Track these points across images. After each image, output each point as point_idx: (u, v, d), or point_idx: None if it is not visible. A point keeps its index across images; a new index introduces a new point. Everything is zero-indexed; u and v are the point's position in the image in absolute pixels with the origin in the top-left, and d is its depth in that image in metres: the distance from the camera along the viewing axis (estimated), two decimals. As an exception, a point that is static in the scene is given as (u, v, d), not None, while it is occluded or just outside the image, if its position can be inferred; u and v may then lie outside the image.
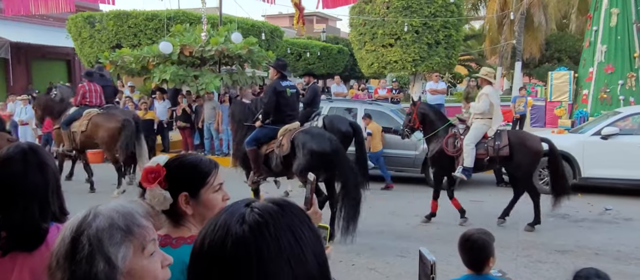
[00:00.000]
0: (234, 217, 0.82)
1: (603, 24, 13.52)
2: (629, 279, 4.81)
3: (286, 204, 0.85)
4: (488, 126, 6.81)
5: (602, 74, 13.46)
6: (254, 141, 6.55)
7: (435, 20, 16.88)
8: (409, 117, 7.35)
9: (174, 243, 1.47)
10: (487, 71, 7.28)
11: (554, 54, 27.61)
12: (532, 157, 6.75)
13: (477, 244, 2.47)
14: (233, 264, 0.78)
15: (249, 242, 0.78)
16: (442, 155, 6.91)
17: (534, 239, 6.12)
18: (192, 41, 11.69)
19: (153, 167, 1.50)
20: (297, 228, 0.81)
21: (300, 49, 26.70)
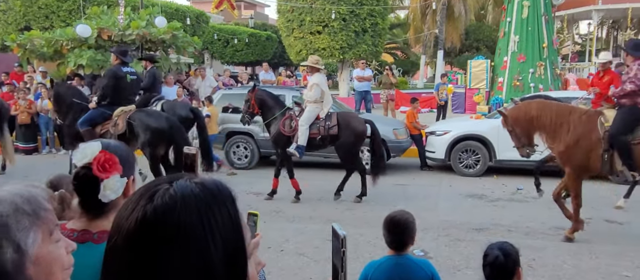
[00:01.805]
0: (146, 195, 0.78)
1: (516, 15, 14.41)
2: (537, 251, 5.20)
3: (213, 185, 0.81)
4: (320, 108, 7.43)
5: (515, 62, 14.37)
6: (88, 122, 6.96)
7: (361, 8, 17.15)
8: (247, 103, 7.68)
9: (95, 238, 1.39)
10: (316, 59, 7.63)
11: (472, 44, 29.05)
12: (356, 137, 7.40)
13: (399, 224, 2.55)
14: (136, 244, 0.75)
15: (152, 223, 0.75)
16: (280, 136, 7.42)
17: (453, 219, 6.43)
18: (110, 24, 11.09)
19: (105, 156, 1.41)
20: (210, 214, 0.77)
21: (227, 35, 26.16)
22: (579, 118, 5.66)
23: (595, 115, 5.69)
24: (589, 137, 5.57)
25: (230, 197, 0.81)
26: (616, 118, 5.52)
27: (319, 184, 8.15)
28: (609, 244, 5.47)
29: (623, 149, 5.43)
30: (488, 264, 2.30)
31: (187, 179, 0.80)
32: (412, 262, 2.53)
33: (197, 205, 0.76)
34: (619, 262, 4.97)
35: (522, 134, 5.89)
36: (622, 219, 6.43)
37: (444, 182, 8.69)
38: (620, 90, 5.59)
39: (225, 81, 14.69)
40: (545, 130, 5.76)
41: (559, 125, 5.66)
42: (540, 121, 5.72)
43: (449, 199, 7.56)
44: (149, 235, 0.74)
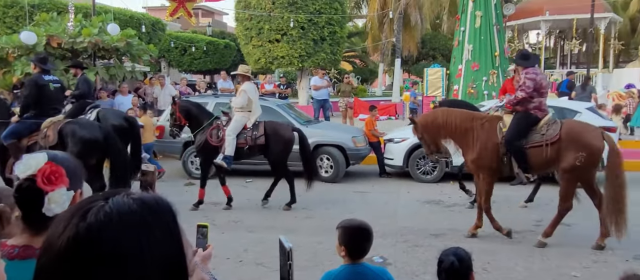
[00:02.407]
0: (79, 212, 0.75)
1: (469, 25, 14.85)
2: (491, 255, 5.34)
3: (152, 201, 0.79)
4: (247, 118, 7.45)
5: (469, 71, 14.78)
6: (12, 135, 6.68)
7: (320, 17, 17.26)
8: (173, 116, 7.66)
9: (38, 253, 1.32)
10: (246, 68, 7.75)
11: (429, 52, 29.73)
12: (284, 145, 7.49)
13: (355, 232, 2.56)
14: (68, 263, 0.72)
15: (84, 242, 0.72)
16: (207, 145, 7.39)
17: (411, 225, 6.53)
18: (60, 31, 10.69)
19: (50, 168, 1.33)
20: (148, 231, 0.75)
21: (185, 43, 25.75)
22: (481, 125, 5.95)
23: (495, 121, 6.00)
24: (489, 142, 5.87)
25: (170, 212, 0.79)
26: (511, 124, 5.84)
27: (278, 193, 8.09)
28: (558, 246, 5.68)
29: (518, 153, 5.75)
30: (444, 270, 2.34)
31: (124, 195, 0.77)
32: (369, 271, 2.54)
33: (135, 222, 0.74)
34: (567, 263, 5.17)
35: (431, 141, 6.17)
36: (570, 221, 6.67)
37: (402, 188, 8.81)
38: (513, 98, 5.94)
39: (183, 90, 14.45)
40: (452, 136, 6.05)
41: (463, 131, 5.94)
42: (446, 128, 6.00)
43: (407, 206, 7.67)
44: (81, 254, 0.71)
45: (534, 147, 5.72)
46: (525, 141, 5.74)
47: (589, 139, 5.54)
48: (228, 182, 7.69)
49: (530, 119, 5.80)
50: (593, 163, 5.53)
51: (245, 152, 7.47)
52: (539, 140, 5.70)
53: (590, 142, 5.52)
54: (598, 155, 5.51)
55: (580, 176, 5.60)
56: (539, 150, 5.69)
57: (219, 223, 6.62)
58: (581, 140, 5.54)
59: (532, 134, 5.75)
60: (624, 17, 26.86)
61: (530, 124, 5.80)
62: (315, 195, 8.24)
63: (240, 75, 7.72)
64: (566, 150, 5.55)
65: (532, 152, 5.73)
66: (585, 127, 5.89)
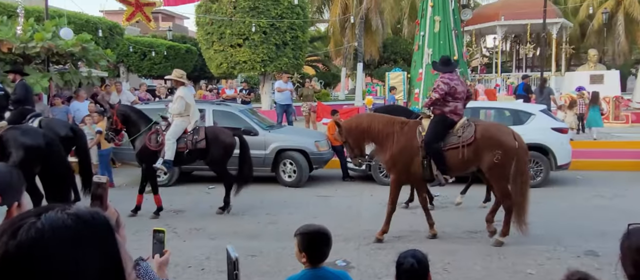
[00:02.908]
0: (10, 230, 0.73)
1: (428, 30, 15.15)
2: (451, 255, 5.46)
3: (88, 216, 0.77)
4: (188, 122, 7.48)
5: (429, 74, 15.05)
6: None
7: (282, 21, 17.24)
8: (110, 120, 7.61)
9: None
10: (180, 73, 7.75)
11: (390, 56, 30.15)
12: (225, 150, 7.54)
13: (314, 238, 2.57)
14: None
15: (14, 261, 0.70)
16: (146, 151, 7.36)
17: (374, 228, 6.56)
18: (11, 36, 10.28)
19: None
20: (84, 247, 0.73)
21: (144, 47, 25.21)
22: (401, 129, 6.17)
23: (415, 125, 6.23)
24: (410, 146, 6.08)
25: (107, 226, 0.78)
26: (429, 128, 6.09)
27: (241, 199, 8.02)
28: (514, 245, 5.86)
29: (436, 155, 6.00)
30: (403, 272, 2.38)
31: (58, 210, 0.75)
32: (330, 274, 2.56)
33: (69, 237, 0.72)
34: (523, 260, 5.34)
35: (355, 144, 6.33)
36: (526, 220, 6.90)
37: (365, 192, 8.89)
38: (428, 100, 6.25)
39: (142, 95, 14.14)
40: (375, 140, 6.25)
41: (385, 135, 6.14)
42: (369, 132, 6.19)
43: (370, 209, 7.74)
44: (12, 274, 0.69)
45: (451, 149, 5.96)
46: (442, 143, 5.98)
47: (502, 138, 5.86)
48: (190, 189, 7.59)
49: (446, 122, 6.05)
50: (509, 160, 5.79)
51: (185, 156, 7.44)
52: (455, 142, 5.95)
53: (504, 141, 5.83)
54: (513, 152, 5.78)
55: (501, 173, 5.87)
56: (456, 151, 5.94)
57: (181, 231, 6.51)
58: (495, 140, 5.84)
59: (449, 137, 6.00)
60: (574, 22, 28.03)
61: (447, 126, 6.04)
62: (278, 200, 8.22)
63: (174, 80, 7.65)
64: (483, 150, 5.85)
65: (449, 154, 5.98)
66: (498, 127, 6.25)
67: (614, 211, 7.25)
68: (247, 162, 7.61)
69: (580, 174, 10.08)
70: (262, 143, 9.36)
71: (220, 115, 9.65)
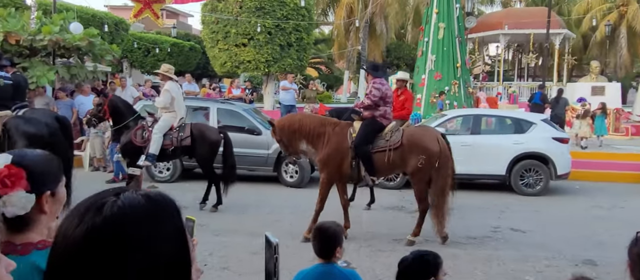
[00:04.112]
0: (95, 206, 0.80)
1: (432, 36, 15.24)
2: (451, 260, 5.50)
3: (158, 197, 0.85)
4: (175, 118, 7.57)
5: (432, 80, 15.16)
6: None
7: (287, 22, 17.33)
8: (99, 107, 7.77)
9: (19, 249, 1.33)
10: (168, 68, 7.87)
11: (393, 61, 30.24)
12: (211, 147, 7.64)
13: (327, 233, 2.65)
14: (85, 253, 0.77)
15: (101, 233, 0.77)
16: (132, 145, 7.48)
17: (375, 231, 6.67)
18: (19, 28, 10.35)
19: (6, 171, 1.32)
20: (156, 224, 0.81)
21: (148, 44, 25.30)
22: (333, 129, 6.35)
23: (347, 127, 6.40)
24: (341, 147, 6.26)
25: (175, 207, 0.86)
26: (359, 130, 6.29)
27: (243, 196, 8.10)
28: (513, 251, 5.93)
29: (365, 157, 6.20)
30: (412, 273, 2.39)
31: (132, 191, 0.83)
32: (339, 272, 2.63)
33: (145, 216, 0.80)
34: (522, 267, 5.41)
35: (288, 143, 6.51)
36: (525, 227, 6.99)
37: (366, 194, 8.94)
38: (361, 103, 6.48)
39: (146, 91, 14.22)
40: (306, 139, 6.41)
41: (317, 135, 6.33)
42: (301, 131, 6.36)
43: (370, 212, 7.81)
44: (98, 245, 0.77)
45: (379, 152, 6.16)
46: (371, 146, 6.17)
47: (427, 143, 6.09)
48: (193, 185, 7.66)
49: (376, 126, 6.25)
50: (431, 164, 6.02)
51: (170, 153, 7.55)
52: (383, 146, 6.16)
53: (428, 146, 6.06)
54: (435, 157, 6.01)
55: (423, 177, 6.11)
56: (383, 154, 6.14)
57: (183, 227, 6.57)
58: (420, 145, 6.09)
59: (378, 140, 6.20)
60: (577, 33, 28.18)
61: (376, 130, 6.24)
62: (280, 201, 8.29)
63: (162, 74, 7.72)
64: (408, 154, 6.08)
65: (377, 157, 6.17)
66: (423, 133, 6.48)
67: (612, 222, 7.33)
68: (229, 160, 7.68)
69: (579, 184, 10.16)
70: (265, 143, 9.42)
71: (224, 113, 9.73)
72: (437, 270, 2.34)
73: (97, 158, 10.84)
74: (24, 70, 10.45)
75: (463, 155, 9.28)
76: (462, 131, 10.00)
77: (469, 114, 10.49)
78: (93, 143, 10.68)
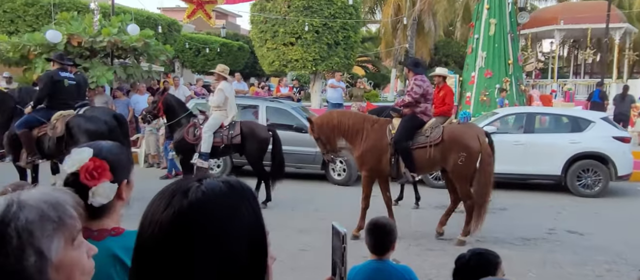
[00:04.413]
0: (180, 190, 0.84)
1: (483, 32, 14.85)
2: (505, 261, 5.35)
3: (237, 184, 0.88)
4: (225, 116, 7.68)
5: (482, 78, 14.78)
6: (24, 124, 7.01)
7: (334, 21, 17.37)
8: (154, 104, 8.00)
9: (95, 235, 1.42)
10: (223, 68, 7.97)
11: (441, 59, 29.71)
12: (260, 144, 7.73)
13: (384, 228, 2.64)
14: (171, 235, 0.81)
15: (187, 217, 0.81)
16: (184, 142, 7.66)
17: (424, 230, 6.58)
18: (81, 31, 10.90)
19: (92, 164, 1.42)
20: (238, 210, 0.84)
21: (199, 44, 26.00)
22: (372, 126, 6.30)
23: (386, 124, 6.34)
24: (380, 143, 6.20)
25: (252, 194, 0.89)
26: (399, 126, 6.21)
27: (291, 195, 8.19)
28: (570, 254, 5.71)
29: (404, 153, 6.11)
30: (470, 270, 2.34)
31: (213, 178, 0.87)
32: (392, 268, 2.61)
33: (226, 202, 0.84)
34: (580, 271, 5.19)
35: (327, 140, 6.46)
36: (583, 229, 6.71)
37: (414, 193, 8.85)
38: (401, 101, 6.37)
39: (198, 90, 14.62)
40: (345, 136, 6.37)
41: (355, 132, 6.29)
42: (340, 128, 6.33)
43: (420, 210, 7.72)
44: (184, 227, 0.81)
45: (419, 148, 6.12)
46: (411, 142, 6.14)
47: (467, 141, 6.00)
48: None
49: (416, 122, 6.22)
50: (472, 162, 5.94)
51: (221, 150, 7.74)
52: (423, 142, 6.12)
53: (469, 144, 5.97)
54: (476, 155, 5.94)
55: (463, 174, 6.01)
56: (424, 151, 6.10)
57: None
58: (461, 141, 6.00)
59: (418, 136, 6.16)
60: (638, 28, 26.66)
61: (416, 126, 6.21)
62: (327, 198, 8.34)
63: (217, 74, 7.92)
64: (448, 150, 6.00)
65: (417, 153, 6.14)
66: (464, 130, 6.34)
67: (678, 226, 6.92)
68: (278, 158, 7.81)
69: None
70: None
71: (273, 111, 9.87)
72: (496, 270, 2.27)
73: (152, 155, 11.25)
74: (85, 71, 11.02)
75: (516, 154, 9.04)
76: (515, 130, 9.71)
77: (521, 112, 10.16)
78: (148, 140, 11.10)
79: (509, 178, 9.39)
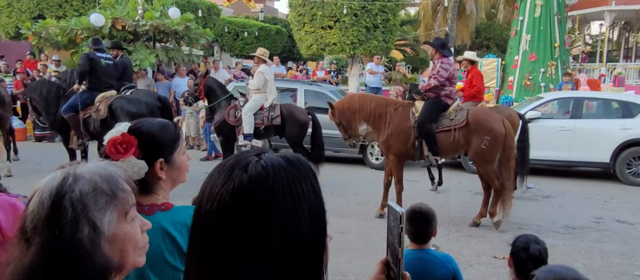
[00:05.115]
0: (239, 165, 0.83)
1: (528, 14, 14.35)
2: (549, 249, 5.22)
3: (295, 159, 0.87)
4: (265, 99, 7.73)
5: (526, 62, 14.32)
6: (71, 108, 7.30)
7: (373, 4, 17.11)
8: (196, 87, 8.11)
9: (146, 210, 1.44)
10: (263, 51, 7.99)
11: (483, 42, 28.90)
12: (300, 127, 7.74)
13: (425, 216, 2.57)
14: (231, 210, 0.80)
15: (248, 191, 0.80)
16: (225, 124, 7.74)
17: (464, 216, 6.47)
18: (125, 15, 11.15)
19: (120, 138, 1.44)
20: (298, 185, 0.83)
21: (237, 28, 26.17)
22: (395, 109, 6.22)
23: (408, 107, 6.26)
24: (403, 126, 6.11)
25: (311, 170, 0.87)
26: (423, 109, 6.10)
27: (330, 178, 8.20)
28: (619, 244, 5.49)
29: (428, 136, 6.04)
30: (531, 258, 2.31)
31: (271, 153, 0.86)
32: (433, 257, 2.56)
33: (286, 176, 0.82)
34: (630, 261, 5.00)
35: (348, 125, 6.41)
36: (633, 219, 6.44)
37: (453, 179, 8.72)
38: (427, 85, 6.21)
39: (237, 74, 14.77)
40: (367, 120, 6.30)
41: (378, 116, 6.22)
42: (362, 112, 6.26)
43: (459, 196, 7.59)
44: (246, 201, 0.80)
45: (444, 131, 6.04)
46: (435, 125, 6.07)
47: (492, 124, 5.88)
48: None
49: (440, 105, 6.12)
50: (496, 146, 5.84)
51: (261, 131, 7.82)
52: (448, 125, 6.03)
53: (493, 127, 5.85)
54: (500, 139, 5.83)
55: (488, 158, 5.90)
56: (448, 134, 6.01)
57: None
58: (485, 125, 5.89)
59: (442, 119, 6.08)
60: (697, 8, 25.10)
61: (440, 109, 6.11)
62: (366, 183, 8.31)
63: (257, 57, 8.01)
64: (473, 134, 5.91)
65: (441, 136, 6.05)
66: (489, 113, 6.24)
67: None
68: (317, 142, 7.86)
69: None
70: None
71: (312, 95, 9.86)
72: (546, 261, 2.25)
73: (192, 137, 11.47)
74: (129, 54, 11.27)
75: (561, 140, 8.74)
76: (560, 115, 9.37)
77: (568, 97, 9.79)
78: (188, 122, 11.32)
79: (554, 165, 9.11)
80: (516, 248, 2.35)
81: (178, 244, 1.41)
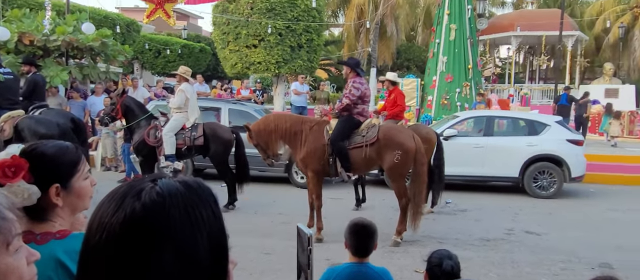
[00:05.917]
0: (132, 192, 0.77)
1: (444, 37, 15.17)
2: (465, 262, 5.41)
3: (194, 183, 0.82)
4: (186, 118, 7.65)
5: (443, 82, 15.09)
6: None
7: (297, 24, 17.33)
8: (113, 106, 7.90)
9: (38, 239, 1.31)
10: (185, 70, 7.94)
11: (403, 63, 30.15)
12: (224, 146, 7.73)
13: (367, 230, 2.59)
14: (122, 240, 0.74)
15: (140, 220, 0.74)
16: (144, 145, 7.58)
17: (387, 232, 6.57)
18: (33, 29, 10.43)
19: (10, 161, 1.31)
20: (196, 210, 0.78)
21: (159, 45, 25.42)
22: (310, 128, 6.40)
23: (323, 124, 6.48)
24: (317, 144, 6.30)
25: (212, 195, 0.83)
26: (336, 127, 6.35)
27: (254, 198, 8.08)
28: (528, 254, 5.85)
29: (341, 153, 6.20)
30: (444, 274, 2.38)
31: (169, 178, 0.81)
32: (372, 271, 2.57)
33: (183, 202, 0.77)
34: (538, 270, 5.33)
35: (266, 146, 6.52)
36: (540, 230, 6.90)
37: (377, 196, 8.90)
38: (340, 104, 6.46)
39: (158, 92, 14.28)
40: (284, 139, 6.45)
41: (293, 134, 6.37)
42: (278, 132, 6.40)
43: (382, 212, 7.74)
44: (138, 232, 0.74)
45: (356, 148, 6.19)
46: (348, 142, 6.21)
47: (402, 139, 6.09)
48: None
49: (352, 123, 6.30)
50: (408, 160, 6.05)
51: (184, 152, 7.63)
52: (360, 142, 6.19)
53: (404, 142, 6.06)
54: (411, 153, 6.03)
55: (399, 173, 6.15)
56: (360, 150, 6.17)
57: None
58: (395, 140, 6.08)
59: (354, 136, 6.24)
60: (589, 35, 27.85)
61: (353, 126, 6.29)
62: (291, 201, 8.27)
63: (179, 75, 7.81)
64: (384, 149, 6.08)
65: (353, 153, 6.21)
66: (399, 129, 6.57)
67: (628, 225, 7.23)
68: (241, 160, 7.74)
69: (594, 187, 10.03)
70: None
71: (236, 114, 9.73)
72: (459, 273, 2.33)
73: (109, 158, 10.89)
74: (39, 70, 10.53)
75: (475, 157, 9.23)
76: (474, 133, 9.92)
77: (481, 115, 10.40)
78: (105, 143, 10.74)
79: (470, 180, 9.60)
80: (431, 264, 2.42)
81: (73, 275, 1.29)
